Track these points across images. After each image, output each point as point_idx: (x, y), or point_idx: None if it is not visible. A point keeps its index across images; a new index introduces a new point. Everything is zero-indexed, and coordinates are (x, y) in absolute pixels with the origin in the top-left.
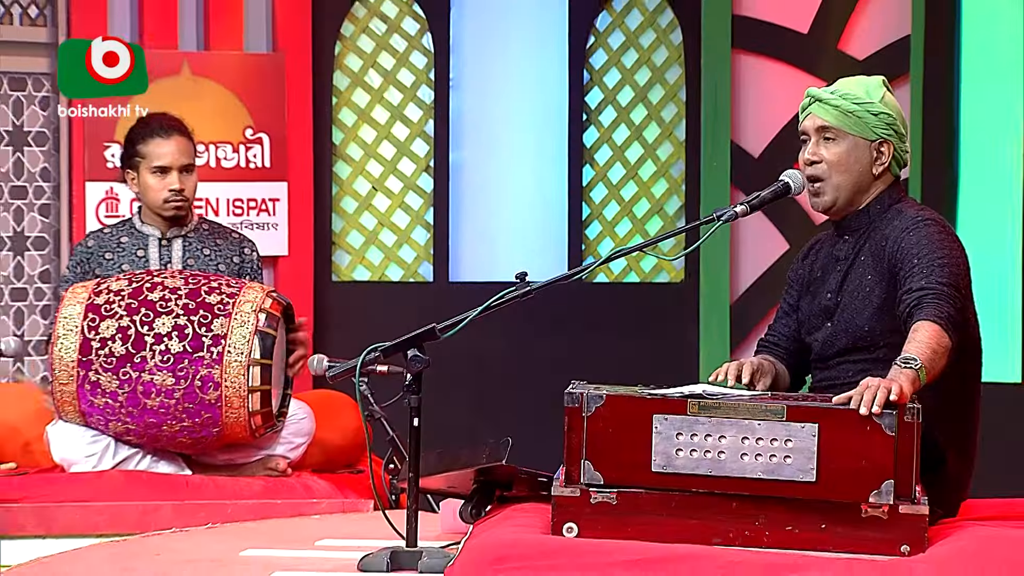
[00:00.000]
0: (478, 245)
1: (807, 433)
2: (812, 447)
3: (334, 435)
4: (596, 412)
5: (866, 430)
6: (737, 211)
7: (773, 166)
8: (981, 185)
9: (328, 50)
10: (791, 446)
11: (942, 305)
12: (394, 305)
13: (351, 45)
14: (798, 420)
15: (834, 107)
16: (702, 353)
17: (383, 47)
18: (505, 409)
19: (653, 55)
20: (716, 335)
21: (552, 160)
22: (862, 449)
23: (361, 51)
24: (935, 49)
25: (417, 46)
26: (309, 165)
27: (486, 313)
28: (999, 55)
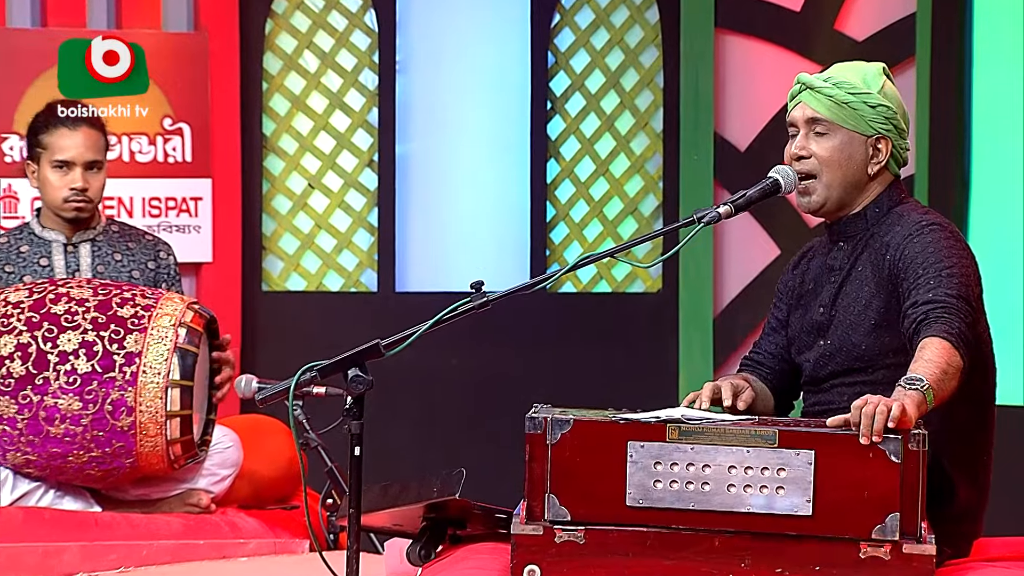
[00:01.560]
0: (428, 251)
1: (802, 461)
2: (808, 477)
3: (264, 466)
4: (562, 439)
5: (868, 458)
6: (721, 212)
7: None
8: (995, 185)
9: (257, 29)
10: (784, 476)
11: (952, 320)
12: (333, 318)
13: (284, 23)
14: (791, 446)
15: (827, 97)
16: (682, 372)
17: (320, 25)
18: (459, 436)
19: (626, 35)
20: (697, 352)
21: (512, 154)
22: (864, 479)
23: (295, 30)
24: (943, 29)
25: (359, 24)
26: (236, 160)
27: (437, 327)
28: (1015, 36)
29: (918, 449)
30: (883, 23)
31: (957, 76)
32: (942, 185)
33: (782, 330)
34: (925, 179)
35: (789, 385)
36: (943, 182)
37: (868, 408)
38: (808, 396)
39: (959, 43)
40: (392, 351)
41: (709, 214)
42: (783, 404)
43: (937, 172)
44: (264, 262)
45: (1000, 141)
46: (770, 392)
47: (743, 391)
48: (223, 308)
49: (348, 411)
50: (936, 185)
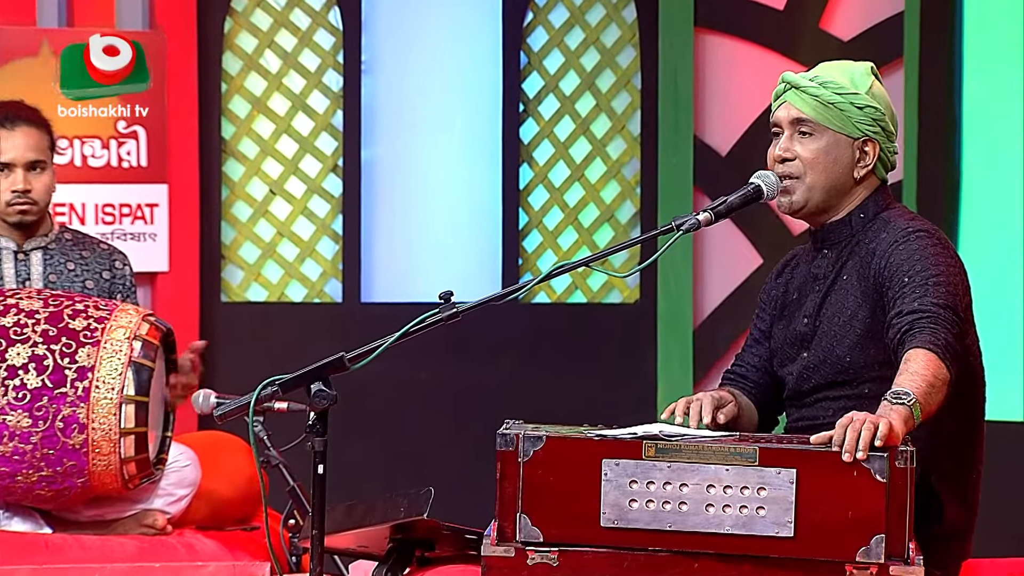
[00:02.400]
0: (395, 259)
1: (783, 480)
2: (789, 496)
3: (223, 485)
4: (534, 457)
5: (852, 476)
6: (700, 219)
7: (743, 165)
8: (987, 191)
9: (216, 27)
10: (765, 495)
11: (939, 331)
12: (295, 330)
13: (243, 21)
14: (772, 465)
15: (813, 96)
16: (660, 386)
17: (282, 24)
18: (427, 453)
19: (602, 34)
20: (677, 365)
21: (483, 159)
22: (848, 499)
23: (256, 28)
24: (932, 28)
25: (323, 23)
26: (194, 164)
27: (405, 340)
28: (1006, 36)
29: (906, 466)
30: (870, 22)
31: (947, 77)
32: (931, 191)
33: (765, 342)
34: (913, 185)
35: (774, 399)
36: (932, 188)
37: (854, 425)
38: (791, 411)
39: (949, 43)
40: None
41: (688, 221)
42: (768, 420)
43: (926, 177)
44: (223, 272)
45: (992, 145)
46: (755, 407)
47: (726, 405)
48: (180, 320)
49: (311, 427)
50: (925, 191)
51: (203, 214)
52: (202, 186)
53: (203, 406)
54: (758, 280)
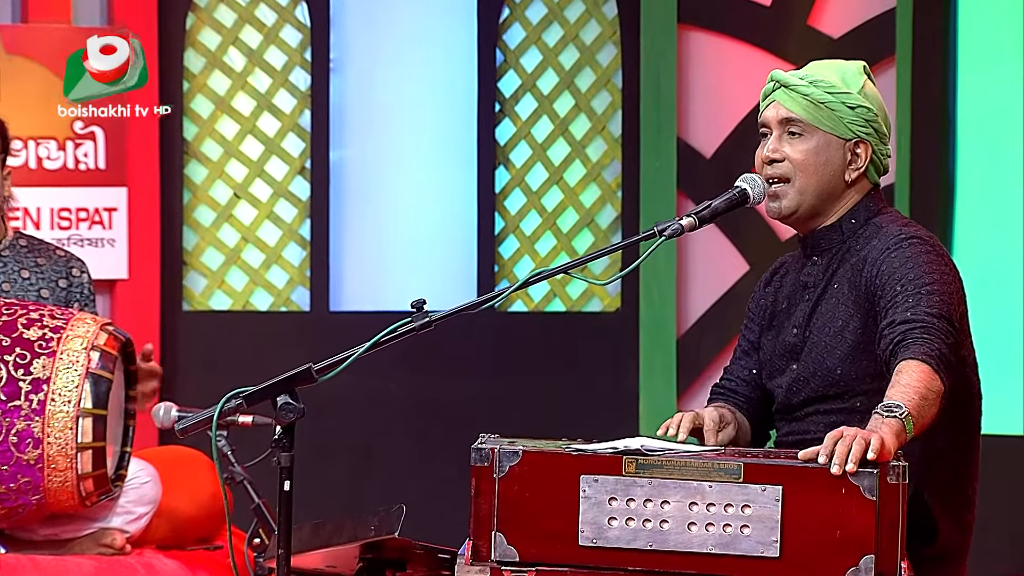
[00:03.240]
0: (365, 266)
1: (769, 497)
2: (775, 515)
3: (185, 503)
4: (510, 472)
5: (841, 493)
6: (684, 224)
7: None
8: (983, 194)
9: (177, 23)
10: (749, 513)
11: (932, 342)
12: (261, 340)
13: (206, 17)
14: (757, 481)
15: (803, 95)
16: (642, 398)
17: (247, 20)
18: (398, 469)
19: (582, 31)
20: (660, 376)
21: (458, 161)
22: (836, 517)
23: (220, 25)
24: (925, 25)
25: (289, 19)
26: (155, 166)
27: (375, 350)
28: (1003, 32)
29: (897, 483)
30: (860, 19)
31: (941, 76)
32: (924, 195)
33: (754, 353)
34: (906, 188)
35: (766, 414)
36: (925, 192)
37: (844, 440)
38: (781, 425)
39: (942, 40)
40: (326, 376)
41: (671, 226)
42: (759, 435)
43: (919, 180)
44: (185, 279)
45: (989, 146)
46: (748, 423)
47: (726, 426)
48: (140, 329)
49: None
50: (918, 195)
51: (164, 219)
52: (163, 189)
53: (164, 420)
54: (744, 288)
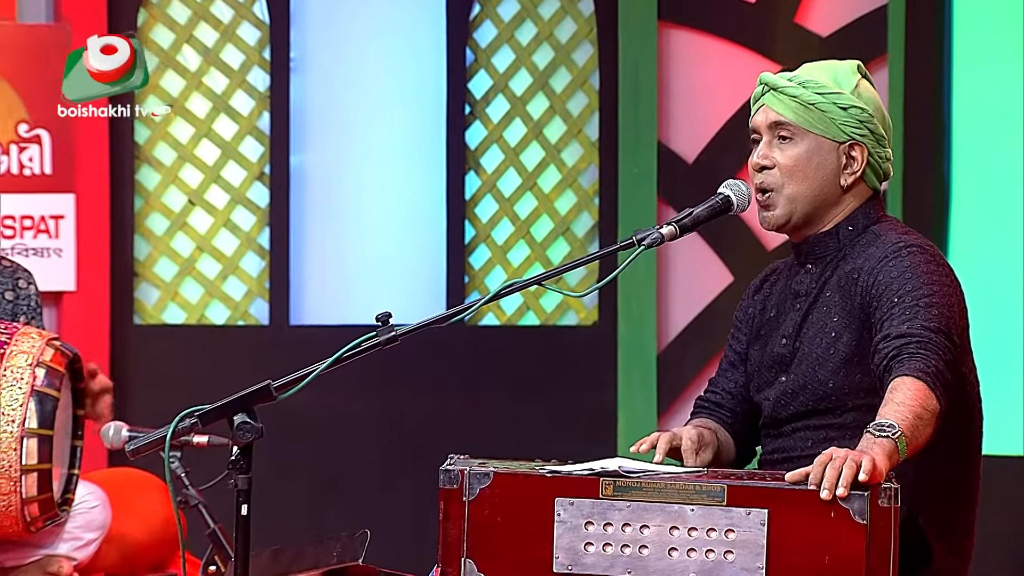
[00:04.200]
0: (328, 277)
1: (754, 521)
2: (760, 539)
3: (136, 528)
4: (481, 495)
5: (830, 517)
6: (664, 233)
7: (711, 174)
8: (980, 201)
9: (128, 20)
10: (733, 538)
11: (929, 358)
12: (217, 356)
13: (159, 14)
14: (742, 504)
15: (792, 98)
16: (621, 417)
17: (202, 17)
18: (363, 492)
19: (556, 29)
20: (639, 393)
21: (425, 166)
22: (825, 542)
23: (173, 22)
24: (919, 23)
25: (247, 15)
26: (104, 172)
27: (338, 366)
28: (1000, 30)
29: (889, 506)
30: (851, 16)
31: (935, 76)
32: (918, 201)
33: (741, 365)
34: (899, 194)
35: (752, 429)
36: (919, 198)
37: (834, 462)
38: (767, 442)
39: (937, 39)
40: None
41: (651, 235)
42: (745, 451)
43: (912, 186)
44: (136, 291)
45: (985, 150)
46: (732, 440)
47: (706, 447)
48: (88, 345)
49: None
50: (911, 202)
51: (114, 227)
52: (113, 196)
53: (114, 440)
54: (728, 300)
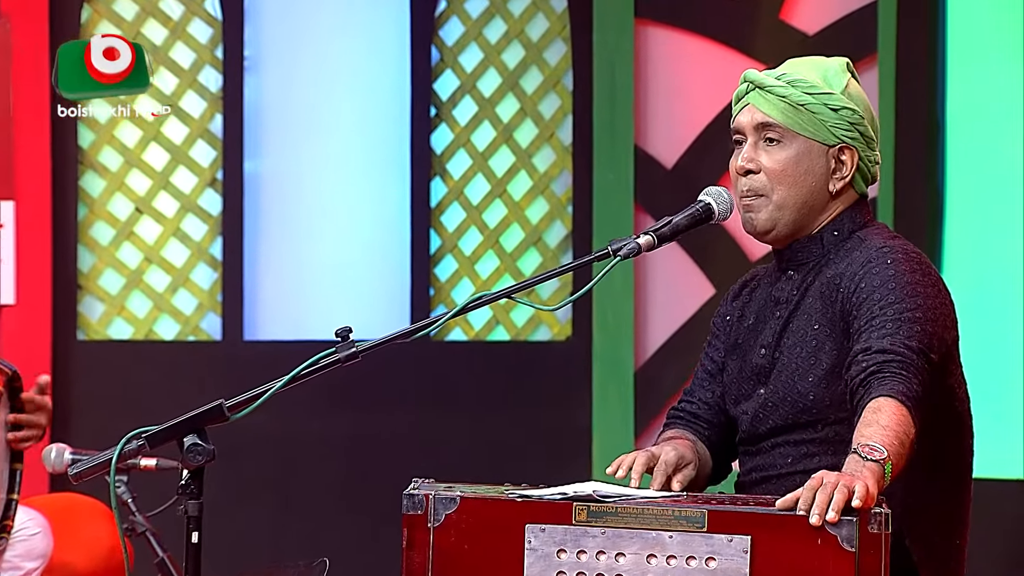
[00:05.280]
0: (285, 290)
1: (736, 548)
2: (743, 568)
3: (79, 557)
4: (447, 521)
5: (816, 544)
6: (641, 243)
7: (691, 180)
8: (976, 207)
9: (71, 16)
10: (715, 567)
11: (910, 380)
12: (166, 373)
13: (104, 9)
14: (724, 531)
15: (780, 97)
16: (596, 437)
17: (150, 13)
18: (321, 518)
19: (527, 27)
20: (616, 412)
21: (388, 171)
22: (811, 570)
23: (119, 18)
24: (910, 21)
25: (198, 12)
26: (46, 178)
27: (295, 384)
28: (996, 28)
29: (879, 532)
30: (839, 13)
31: (927, 76)
32: (910, 208)
33: (719, 375)
34: (890, 201)
35: (729, 443)
36: (911, 204)
37: (825, 487)
38: (745, 460)
39: (930, 37)
40: (239, 413)
41: (628, 245)
42: (721, 467)
43: (904, 193)
44: (80, 304)
45: (981, 154)
46: (709, 453)
47: (684, 465)
48: (29, 361)
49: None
50: (903, 208)
51: (56, 236)
52: (55, 203)
53: (56, 463)
54: (709, 313)
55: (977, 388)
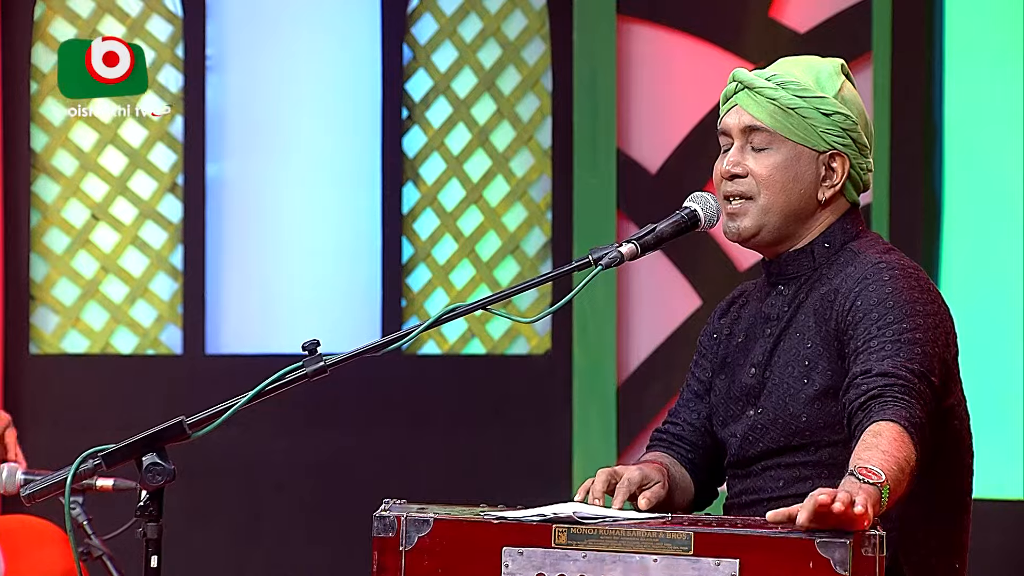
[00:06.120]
0: (249, 301)
1: (724, 572)
2: None
3: None
4: (419, 544)
5: (808, 568)
6: (624, 252)
7: (677, 186)
8: (974, 215)
9: (23, 13)
10: None
11: (913, 406)
12: (124, 389)
13: (58, 6)
14: (710, 553)
15: (769, 100)
16: (576, 456)
17: (107, 9)
18: (289, 540)
19: (504, 24)
20: (597, 430)
21: (358, 176)
22: None
23: (74, 15)
24: (907, 18)
25: (157, 8)
26: None
27: (261, 400)
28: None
29: (874, 555)
30: (832, 10)
31: (925, 78)
32: (906, 216)
33: (705, 395)
34: (885, 208)
35: (715, 467)
36: (907, 212)
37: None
38: (733, 483)
39: (927, 35)
40: (201, 431)
41: (610, 254)
42: (707, 491)
43: (900, 199)
44: (33, 316)
45: (980, 158)
46: (690, 478)
47: (650, 484)
48: None
49: (143, 510)
50: (899, 216)
51: (8, 245)
52: (7, 210)
53: (7, 484)
54: (696, 326)
55: (976, 405)
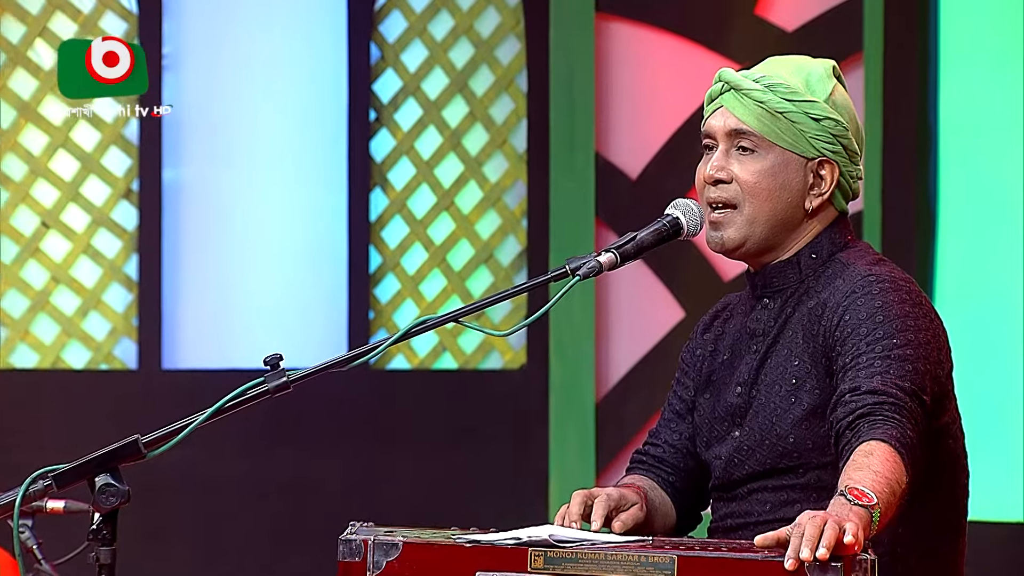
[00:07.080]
0: (208, 314)
1: None
2: None
3: None
4: (388, 569)
5: None
6: (602, 261)
7: (658, 192)
8: (971, 222)
9: None
10: None
11: (904, 425)
12: (76, 406)
13: (8, 3)
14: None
15: (757, 102)
16: (553, 476)
17: (58, 6)
18: (249, 566)
19: (477, 22)
20: (574, 449)
21: (324, 181)
22: None
23: (24, 12)
24: (899, 17)
25: (111, 5)
26: None
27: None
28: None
29: None
30: (821, 8)
31: (919, 79)
32: (899, 224)
33: (688, 415)
34: (877, 216)
35: (699, 490)
36: (900, 220)
37: (815, 520)
38: (718, 506)
39: (919, 34)
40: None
41: (587, 264)
42: (690, 516)
43: (892, 206)
44: None
45: (976, 163)
46: (671, 503)
47: (626, 507)
48: None
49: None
50: (891, 224)
51: None
52: None
53: None
54: (678, 339)
55: (973, 422)
